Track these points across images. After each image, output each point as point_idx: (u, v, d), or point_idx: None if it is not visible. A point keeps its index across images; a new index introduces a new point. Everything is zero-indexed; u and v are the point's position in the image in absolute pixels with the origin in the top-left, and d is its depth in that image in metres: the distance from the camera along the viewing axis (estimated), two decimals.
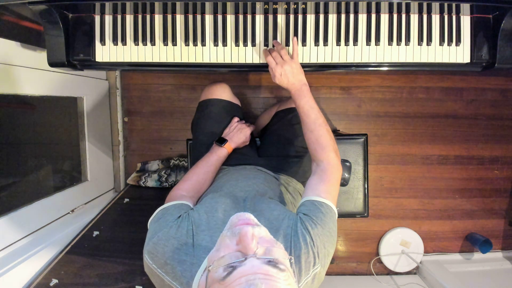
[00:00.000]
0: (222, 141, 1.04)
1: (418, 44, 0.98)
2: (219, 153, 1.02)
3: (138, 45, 0.98)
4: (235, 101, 1.18)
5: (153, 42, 0.98)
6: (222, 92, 1.14)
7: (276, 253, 0.49)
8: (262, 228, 0.55)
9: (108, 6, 0.94)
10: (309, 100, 0.90)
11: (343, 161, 1.30)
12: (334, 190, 0.81)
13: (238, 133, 1.07)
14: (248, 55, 0.99)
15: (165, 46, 0.98)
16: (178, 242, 0.65)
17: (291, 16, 0.97)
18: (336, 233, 0.72)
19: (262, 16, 0.97)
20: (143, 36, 0.98)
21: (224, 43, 0.98)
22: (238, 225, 0.53)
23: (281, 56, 0.91)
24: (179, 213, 0.73)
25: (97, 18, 0.97)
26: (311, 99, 0.90)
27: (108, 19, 0.97)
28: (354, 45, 0.98)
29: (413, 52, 0.99)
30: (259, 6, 0.95)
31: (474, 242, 1.83)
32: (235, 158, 1.08)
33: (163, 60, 0.99)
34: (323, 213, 0.71)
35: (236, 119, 1.12)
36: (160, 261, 0.63)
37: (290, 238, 0.66)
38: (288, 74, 0.90)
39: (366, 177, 1.33)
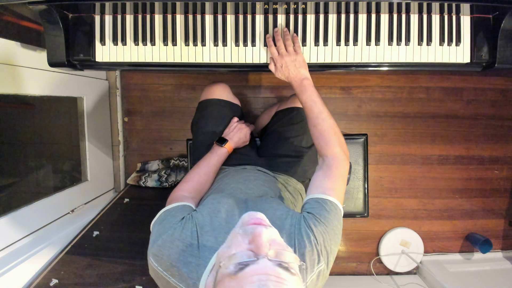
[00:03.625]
0: (222, 141, 1.04)
1: (418, 44, 0.98)
2: (219, 153, 1.02)
3: (138, 45, 0.98)
4: (235, 101, 1.18)
5: (153, 42, 0.98)
6: (222, 92, 1.14)
7: (288, 257, 0.49)
8: (274, 229, 0.54)
9: (108, 6, 0.94)
10: (311, 94, 0.89)
11: None
12: (340, 185, 0.79)
13: (238, 133, 1.07)
14: (248, 55, 0.99)
15: (165, 46, 0.98)
16: (183, 244, 0.65)
17: (291, 16, 0.97)
18: (340, 231, 0.71)
19: (262, 16, 0.97)
20: (143, 36, 0.98)
21: (224, 43, 0.98)
22: (250, 224, 0.53)
23: (285, 48, 0.91)
24: (182, 214, 0.72)
25: (97, 18, 0.97)
26: (314, 93, 0.89)
27: (108, 19, 0.97)
28: (354, 45, 0.98)
29: (413, 52, 0.99)
30: (259, 6, 0.95)
31: (474, 242, 1.83)
32: (235, 158, 1.08)
33: (163, 60, 0.99)
34: (327, 210, 0.71)
35: (235, 119, 1.12)
36: (165, 263, 0.63)
37: (294, 237, 0.66)
38: (290, 67, 0.90)
39: (366, 177, 1.33)
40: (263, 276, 0.44)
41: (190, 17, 0.97)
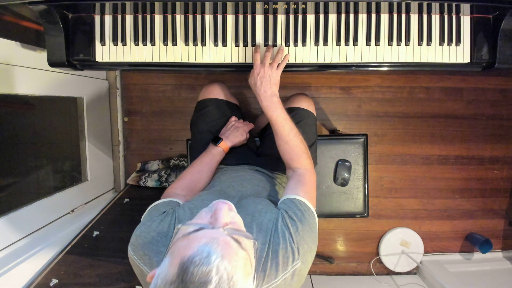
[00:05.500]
0: (217, 140, 1.04)
1: (418, 44, 0.98)
2: (213, 152, 1.03)
3: (138, 45, 0.98)
4: (233, 100, 1.19)
5: (153, 42, 0.98)
6: (220, 92, 1.14)
7: (242, 235, 0.51)
8: (238, 216, 0.58)
9: (108, 6, 0.94)
10: (281, 112, 0.91)
11: (343, 161, 1.30)
12: (312, 192, 0.84)
13: (234, 132, 1.07)
14: (248, 55, 0.99)
15: (165, 46, 0.98)
16: (157, 235, 0.68)
17: (291, 16, 0.97)
18: (316, 229, 0.73)
19: (262, 16, 0.97)
20: (143, 36, 0.98)
21: (224, 43, 0.98)
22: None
23: (268, 61, 0.92)
24: (165, 209, 0.76)
25: (97, 18, 0.97)
26: (284, 111, 0.91)
27: (108, 19, 0.97)
28: (354, 45, 0.98)
29: (413, 52, 0.98)
30: (259, 6, 0.95)
31: (474, 242, 1.83)
32: (234, 158, 1.08)
33: (163, 60, 0.99)
34: (300, 210, 0.73)
35: (233, 118, 1.12)
36: (139, 252, 0.66)
37: (270, 233, 0.67)
38: (265, 78, 0.91)
39: (366, 177, 1.33)
40: (212, 239, 0.47)
41: (190, 17, 0.97)
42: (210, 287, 0.42)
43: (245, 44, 0.98)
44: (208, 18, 0.97)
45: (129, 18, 0.98)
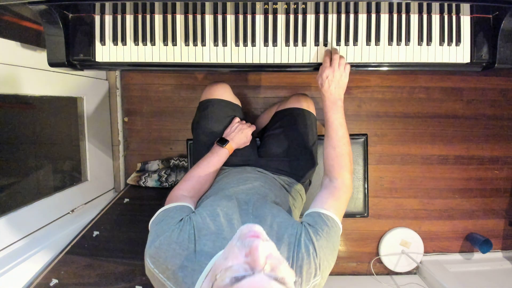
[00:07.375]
0: (223, 142, 1.04)
1: (418, 44, 0.98)
2: (220, 154, 1.02)
3: (138, 45, 0.98)
4: (236, 101, 1.18)
5: (153, 42, 0.98)
6: (223, 92, 1.13)
7: (283, 271, 0.49)
8: (271, 243, 0.54)
9: (108, 6, 0.94)
10: (340, 116, 0.92)
11: None
12: (342, 208, 0.83)
13: (239, 134, 1.07)
14: (248, 55, 0.99)
15: (165, 46, 0.98)
16: (180, 248, 0.65)
17: (291, 16, 0.97)
18: (338, 247, 0.73)
19: (262, 16, 0.97)
20: (143, 36, 0.98)
21: (224, 43, 0.98)
22: (248, 237, 0.52)
23: (338, 64, 0.92)
24: (181, 216, 0.73)
25: (97, 18, 0.97)
26: (343, 117, 0.93)
27: (108, 19, 0.97)
28: (354, 45, 0.98)
29: (413, 52, 0.99)
30: (259, 6, 0.95)
31: (474, 242, 1.83)
32: (235, 159, 1.08)
33: (163, 60, 0.99)
34: (328, 226, 0.72)
35: (237, 119, 1.12)
36: (161, 266, 0.64)
37: (293, 248, 0.66)
38: (334, 81, 0.92)
39: (366, 177, 1.33)
40: None
41: (190, 17, 0.97)
42: None
43: (245, 44, 0.98)
44: (208, 18, 0.98)
45: (129, 18, 0.98)
